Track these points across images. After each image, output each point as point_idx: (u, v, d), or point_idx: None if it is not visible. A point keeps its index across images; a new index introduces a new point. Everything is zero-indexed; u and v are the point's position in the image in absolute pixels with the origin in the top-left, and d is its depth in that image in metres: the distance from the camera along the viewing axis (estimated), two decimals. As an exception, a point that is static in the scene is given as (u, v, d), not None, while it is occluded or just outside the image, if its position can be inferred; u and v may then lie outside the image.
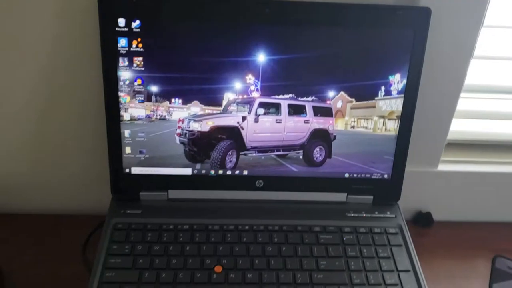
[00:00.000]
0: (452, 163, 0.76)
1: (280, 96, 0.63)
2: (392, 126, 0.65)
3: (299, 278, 0.59)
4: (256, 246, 0.62)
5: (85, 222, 0.73)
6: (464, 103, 0.73)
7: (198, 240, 0.63)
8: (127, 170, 0.66)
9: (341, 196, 0.69)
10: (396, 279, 0.60)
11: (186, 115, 0.64)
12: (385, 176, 0.68)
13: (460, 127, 0.75)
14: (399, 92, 0.64)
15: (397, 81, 0.63)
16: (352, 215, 0.68)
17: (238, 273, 0.59)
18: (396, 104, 0.64)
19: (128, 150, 0.65)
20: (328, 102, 0.64)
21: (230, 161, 0.66)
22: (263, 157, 0.67)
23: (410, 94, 0.64)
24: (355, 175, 0.68)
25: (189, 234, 0.63)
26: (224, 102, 0.63)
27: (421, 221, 0.78)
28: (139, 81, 0.62)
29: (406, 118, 0.65)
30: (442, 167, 0.76)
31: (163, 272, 0.59)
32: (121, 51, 0.60)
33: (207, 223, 0.65)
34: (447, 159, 0.76)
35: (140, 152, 0.65)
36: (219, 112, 0.64)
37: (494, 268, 0.70)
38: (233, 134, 0.65)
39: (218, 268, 0.60)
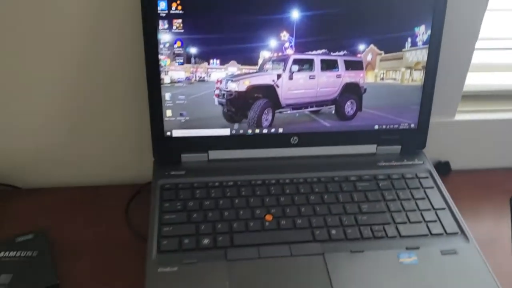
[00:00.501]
0: (468, 113, 0.81)
1: (313, 52, 0.66)
2: (418, 76, 0.69)
3: (345, 221, 0.62)
4: (299, 196, 0.66)
5: (124, 191, 0.76)
6: (478, 56, 0.77)
7: (245, 194, 0.65)
8: (168, 133, 0.68)
9: (371, 148, 0.73)
10: (434, 216, 0.64)
11: (224, 75, 0.66)
12: (412, 125, 0.72)
13: (474, 81, 0.80)
14: (424, 43, 0.67)
15: (422, 32, 0.67)
16: (383, 164, 0.71)
17: (288, 220, 0.62)
18: (421, 55, 0.68)
19: (169, 113, 0.67)
20: (358, 55, 0.67)
21: (266, 119, 0.69)
22: (297, 114, 0.70)
23: (434, 44, 0.68)
24: (384, 126, 0.72)
25: (235, 189, 0.66)
26: (260, 61, 0.66)
27: (440, 169, 0.82)
28: (178, 44, 0.64)
29: (431, 68, 0.69)
30: (458, 117, 0.80)
31: (218, 223, 0.61)
32: (161, 14, 0.62)
33: (250, 179, 0.68)
34: (463, 109, 0.81)
35: (181, 115, 0.67)
36: (255, 71, 0.66)
37: (514, 207, 0.76)
38: (269, 92, 0.68)
39: (269, 217, 0.62)
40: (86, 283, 0.61)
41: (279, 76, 0.67)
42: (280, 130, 0.70)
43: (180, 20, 0.63)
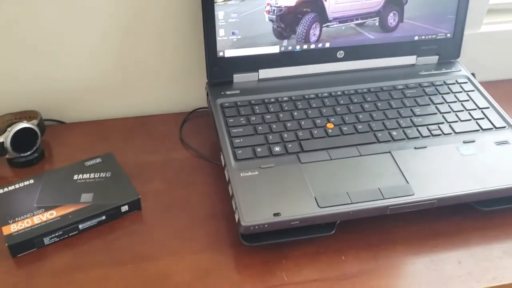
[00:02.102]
0: (492, 24, 0.85)
1: (359, -36, 0.68)
2: (456, -16, 0.72)
3: (402, 123, 0.66)
4: (354, 105, 0.68)
5: (172, 118, 0.77)
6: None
7: (302, 107, 0.68)
8: (221, 54, 0.69)
9: (411, 59, 0.76)
10: (481, 114, 0.68)
11: (274, -9, 0.67)
12: (448, 35, 0.75)
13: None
14: (462, -50, 0.70)
15: None
16: (424, 73, 0.75)
17: (349, 126, 0.65)
18: (459, -38, 0.71)
19: (221, 32, 0.68)
20: (402, -35, 0.69)
21: (314, 34, 0.71)
22: (343, 27, 0.71)
23: (471, -49, 0.70)
24: (423, 37, 0.75)
25: (291, 103, 0.68)
26: (309, -25, 0.67)
27: (467, 82, 0.87)
28: (231, -40, 0.64)
29: (467, -24, 0.72)
30: (484, 28, 0.84)
31: (284, 133, 0.64)
32: None
33: (303, 93, 0.70)
34: (489, 21, 0.84)
35: (233, 34, 0.68)
36: (304, -15, 0.68)
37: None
38: (317, 6, 0.69)
39: (330, 125, 0.65)
40: (163, 198, 0.63)
41: (326, -11, 0.69)
42: (327, 45, 0.72)
43: None
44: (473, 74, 0.86)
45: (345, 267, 0.55)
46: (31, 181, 0.61)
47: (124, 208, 0.59)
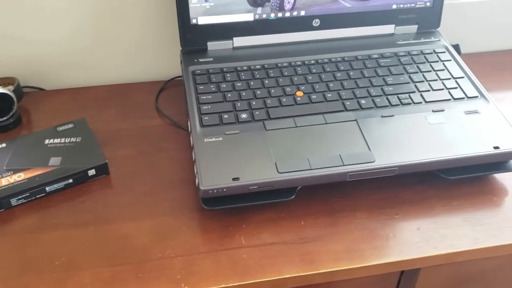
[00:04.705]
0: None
1: None
2: (435, -49, 0.71)
3: (373, 92, 0.65)
4: (326, 74, 0.68)
5: (147, 87, 0.78)
6: None
7: (273, 75, 0.68)
8: (194, 21, 0.69)
9: (389, 28, 0.75)
10: (454, 84, 0.67)
11: (246, -43, 0.66)
12: (428, 4, 0.74)
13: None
14: None
15: None
16: (402, 42, 0.74)
17: (318, 95, 0.65)
18: None
19: (194, -1, 0.68)
20: None
21: (289, 2, 0.70)
22: (318, -5, 0.71)
23: None
24: (401, 6, 0.74)
25: (263, 71, 0.68)
26: None
27: (451, 53, 0.85)
28: None
29: None
30: (468, -2, 0.82)
31: (252, 101, 0.64)
32: None
33: (276, 62, 0.70)
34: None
35: (206, 1, 0.68)
36: (277, -49, 0.67)
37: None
38: (291, -27, 0.69)
39: (299, 93, 0.65)
40: (132, 164, 0.64)
41: (300, -44, 0.68)
42: (302, 13, 0.71)
43: None
44: (457, 45, 0.85)
45: (303, 231, 0.55)
46: (3, 144, 0.63)
47: (91, 172, 0.60)
